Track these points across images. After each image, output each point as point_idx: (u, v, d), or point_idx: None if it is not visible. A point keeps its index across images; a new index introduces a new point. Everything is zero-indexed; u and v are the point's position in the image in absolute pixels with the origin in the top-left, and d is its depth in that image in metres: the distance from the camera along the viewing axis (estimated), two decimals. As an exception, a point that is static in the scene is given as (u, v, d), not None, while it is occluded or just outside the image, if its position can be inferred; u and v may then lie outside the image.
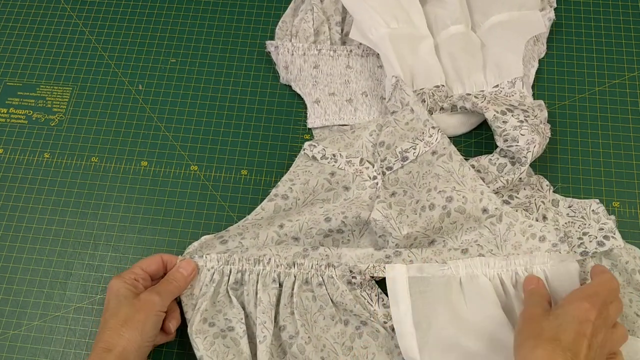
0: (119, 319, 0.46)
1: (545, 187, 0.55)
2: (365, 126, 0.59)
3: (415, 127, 0.56)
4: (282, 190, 0.56)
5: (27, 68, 0.66)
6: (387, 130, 0.57)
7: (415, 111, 0.57)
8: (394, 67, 0.59)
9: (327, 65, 0.64)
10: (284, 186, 0.56)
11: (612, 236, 0.52)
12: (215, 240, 0.54)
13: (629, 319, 0.48)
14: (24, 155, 0.62)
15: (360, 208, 0.53)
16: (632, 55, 0.64)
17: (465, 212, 0.52)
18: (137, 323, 0.46)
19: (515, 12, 0.63)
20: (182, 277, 0.50)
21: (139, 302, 0.47)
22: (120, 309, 0.46)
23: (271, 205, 0.55)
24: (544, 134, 0.56)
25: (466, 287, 0.49)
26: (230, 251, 0.52)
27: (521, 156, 0.54)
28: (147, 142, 0.62)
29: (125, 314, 0.46)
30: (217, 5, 0.69)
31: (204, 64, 0.66)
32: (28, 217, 0.58)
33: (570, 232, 0.53)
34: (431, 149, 0.55)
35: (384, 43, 0.59)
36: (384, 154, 0.56)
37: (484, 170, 0.56)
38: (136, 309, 0.46)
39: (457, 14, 0.62)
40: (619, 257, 0.51)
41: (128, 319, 0.46)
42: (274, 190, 0.56)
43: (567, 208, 0.55)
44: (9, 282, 0.56)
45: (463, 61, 0.61)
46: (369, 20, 0.60)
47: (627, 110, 0.61)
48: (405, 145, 0.56)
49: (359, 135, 0.58)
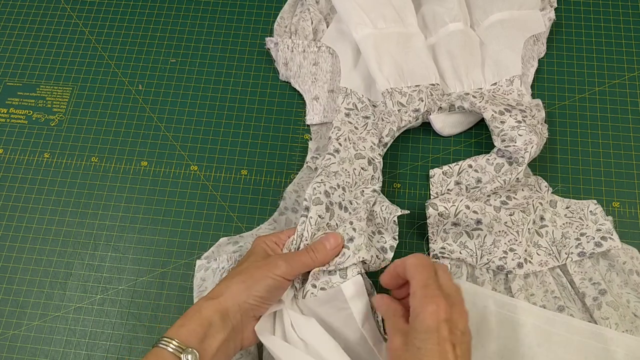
0: (236, 271, 0.45)
1: (543, 188, 0.55)
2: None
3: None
4: (290, 203, 0.56)
5: (27, 68, 0.66)
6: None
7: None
8: (371, 69, 0.59)
9: (326, 62, 0.64)
10: (291, 198, 0.56)
11: (609, 237, 0.52)
12: (229, 244, 0.54)
13: (627, 319, 0.48)
14: (24, 155, 0.62)
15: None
16: (632, 55, 0.64)
17: None
18: (249, 279, 0.43)
19: (516, 11, 0.63)
20: (322, 249, 0.46)
21: (263, 261, 0.45)
22: (243, 264, 0.45)
23: (283, 219, 0.56)
24: (542, 134, 0.56)
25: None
26: (241, 250, 0.52)
27: (519, 156, 0.54)
28: (147, 142, 0.62)
29: (244, 268, 0.45)
30: (217, 5, 0.69)
31: (203, 64, 0.66)
32: (28, 217, 0.58)
33: (568, 233, 0.53)
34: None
35: (366, 43, 0.59)
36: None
37: (481, 170, 0.56)
38: (256, 266, 0.45)
39: (455, 11, 0.62)
40: (617, 258, 0.51)
41: (242, 273, 0.44)
42: (282, 203, 0.56)
43: (565, 209, 0.55)
44: (9, 282, 0.56)
45: (461, 59, 0.61)
46: (355, 18, 0.60)
47: (627, 110, 0.61)
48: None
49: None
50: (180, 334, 0.41)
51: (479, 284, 0.51)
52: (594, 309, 0.49)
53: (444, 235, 0.53)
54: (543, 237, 0.53)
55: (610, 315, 0.48)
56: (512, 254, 0.51)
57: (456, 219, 0.52)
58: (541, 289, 0.51)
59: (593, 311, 0.49)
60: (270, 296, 0.44)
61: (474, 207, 0.52)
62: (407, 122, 0.58)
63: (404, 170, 0.59)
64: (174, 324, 0.42)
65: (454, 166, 0.57)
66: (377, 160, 0.55)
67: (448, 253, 0.53)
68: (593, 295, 0.50)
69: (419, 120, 0.59)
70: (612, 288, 0.51)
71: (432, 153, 0.60)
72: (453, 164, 0.57)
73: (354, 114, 0.59)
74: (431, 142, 0.61)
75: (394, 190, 0.58)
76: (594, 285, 0.50)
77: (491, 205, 0.52)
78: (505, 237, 0.52)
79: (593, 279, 0.51)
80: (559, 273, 0.52)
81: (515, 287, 0.50)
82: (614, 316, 0.48)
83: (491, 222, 0.52)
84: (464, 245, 0.53)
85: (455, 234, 0.53)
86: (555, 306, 0.49)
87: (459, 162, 0.57)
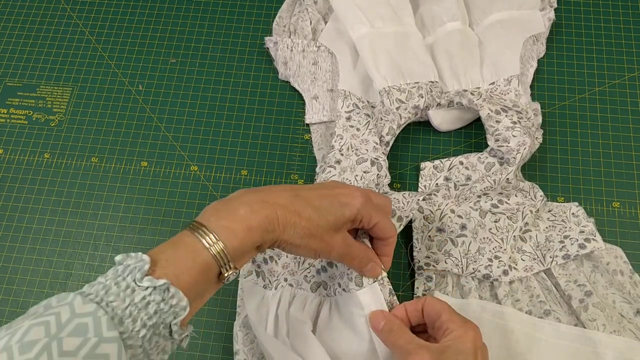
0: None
1: (539, 197, 0.54)
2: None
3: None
4: None
5: (27, 68, 0.66)
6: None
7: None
8: (369, 68, 0.59)
9: (325, 61, 0.64)
10: None
11: (592, 238, 0.51)
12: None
13: (614, 320, 0.48)
14: (24, 155, 0.62)
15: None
16: (632, 55, 0.64)
17: None
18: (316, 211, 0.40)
19: (515, 11, 0.63)
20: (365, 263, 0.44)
21: (331, 234, 0.41)
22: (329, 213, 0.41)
23: None
24: (536, 138, 0.56)
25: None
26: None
27: (510, 157, 0.53)
28: (147, 142, 0.62)
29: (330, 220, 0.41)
30: (217, 6, 0.69)
31: (203, 64, 0.66)
32: (28, 217, 0.59)
33: (551, 237, 0.52)
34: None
35: (363, 43, 0.60)
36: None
37: (471, 168, 0.56)
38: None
39: (453, 10, 0.62)
40: (600, 259, 0.51)
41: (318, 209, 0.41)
42: None
43: (548, 212, 0.54)
44: (9, 282, 0.56)
45: (459, 58, 0.61)
46: (352, 17, 0.61)
47: (627, 110, 0.61)
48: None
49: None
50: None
51: (465, 292, 0.50)
52: (581, 311, 0.48)
53: (429, 244, 0.53)
54: (527, 242, 0.52)
55: (598, 316, 0.48)
56: (497, 262, 0.51)
57: (441, 224, 0.52)
58: (526, 294, 0.50)
59: (580, 313, 0.48)
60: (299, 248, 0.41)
61: (458, 211, 0.52)
62: (407, 119, 0.58)
63: (404, 170, 0.59)
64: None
65: (445, 161, 0.57)
66: (381, 159, 0.55)
67: (433, 263, 0.52)
68: (579, 297, 0.49)
69: (418, 115, 0.59)
70: (598, 289, 0.50)
71: (432, 153, 0.60)
72: (445, 159, 0.57)
73: (354, 114, 0.59)
74: (431, 142, 0.61)
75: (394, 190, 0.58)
76: (579, 287, 0.50)
77: (480, 207, 0.52)
78: (490, 245, 0.51)
79: (578, 281, 0.50)
80: (543, 277, 0.51)
81: (501, 293, 0.50)
82: (601, 317, 0.48)
83: (475, 227, 0.52)
84: (449, 254, 0.52)
85: (439, 241, 0.52)
86: (542, 310, 0.49)
87: (450, 158, 0.57)
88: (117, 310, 0.31)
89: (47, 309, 0.31)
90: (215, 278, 0.37)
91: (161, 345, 0.34)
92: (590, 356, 0.47)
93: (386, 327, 0.43)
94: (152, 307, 0.32)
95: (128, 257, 0.34)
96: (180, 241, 0.36)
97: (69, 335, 0.30)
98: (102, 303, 0.32)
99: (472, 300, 0.49)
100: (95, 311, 0.31)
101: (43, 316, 0.30)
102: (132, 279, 0.33)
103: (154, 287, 0.33)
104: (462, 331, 0.40)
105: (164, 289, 0.33)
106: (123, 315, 0.31)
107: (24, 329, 0.30)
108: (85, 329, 0.30)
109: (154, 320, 0.32)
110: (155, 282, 0.33)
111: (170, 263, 0.34)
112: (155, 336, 0.33)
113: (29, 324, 0.30)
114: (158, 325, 0.33)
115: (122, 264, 0.34)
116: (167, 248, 0.36)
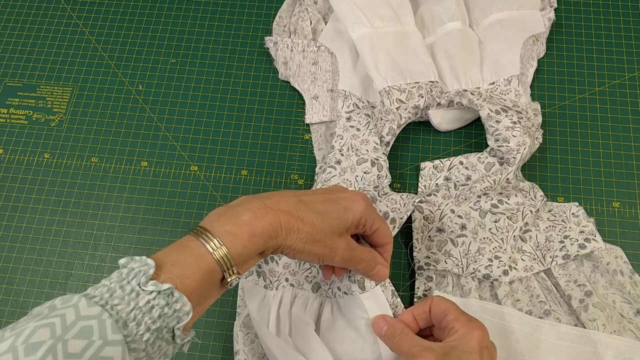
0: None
1: (539, 197, 0.54)
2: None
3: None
4: None
5: (27, 68, 0.66)
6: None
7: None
8: (368, 68, 0.59)
9: (325, 61, 0.64)
10: None
11: (592, 238, 0.51)
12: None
13: (614, 320, 0.48)
14: (24, 155, 0.62)
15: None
16: (632, 55, 0.64)
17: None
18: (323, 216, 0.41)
19: (515, 11, 0.63)
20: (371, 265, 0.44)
21: (335, 238, 0.41)
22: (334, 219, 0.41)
23: None
24: (536, 138, 0.56)
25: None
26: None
27: (510, 157, 0.53)
28: (147, 142, 0.62)
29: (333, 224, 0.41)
30: (217, 5, 0.69)
31: (203, 64, 0.66)
32: (28, 217, 0.59)
33: (551, 237, 0.52)
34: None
35: (363, 43, 0.60)
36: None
37: (471, 168, 0.56)
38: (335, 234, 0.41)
39: (453, 10, 0.62)
40: (600, 259, 0.51)
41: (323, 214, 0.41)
42: None
43: (548, 212, 0.54)
44: (9, 282, 0.56)
45: (459, 58, 0.61)
46: (352, 17, 0.61)
47: (627, 110, 0.61)
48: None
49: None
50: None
51: (465, 292, 0.50)
52: (581, 311, 0.48)
53: (429, 244, 0.53)
54: (527, 242, 0.52)
55: (598, 316, 0.48)
56: (497, 262, 0.50)
57: (441, 224, 0.52)
58: (526, 294, 0.50)
59: (580, 313, 0.48)
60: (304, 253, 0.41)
61: (458, 211, 0.52)
62: (407, 119, 0.58)
63: (404, 170, 0.59)
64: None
65: (445, 161, 0.57)
66: (381, 159, 0.56)
67: (433, 263, 0.52)
68: (579, 297, 0.49)
69: (418, 115, 0.59)
70: (598, 289, 0.50)
71: (432, 153, 0.60)
72: (445, 159, 0.57)
73: (355, 114, 0.59)
74: (431, 143, 0.61)
75: (394, 191, 0.58)
76: (579, 287, 0.50)
77: (480, 207, 0.52)
78: (490, 245, 0.51)
79: (578, 281, 0.50)
80: (543, 277, 0.51)
81: (501, 293, 0.50)
82: (601, 317, 0.48)
83: (475, 227, 0.51)
84: (449, 254, 0.52)
85: (439, 241, 0.52)
86: (542, 311, 0.49)
87: (450, 158, 0.57)
88: (121, 313, 0.31)
89: (51, 310, 0.31)
90: (218, 283, 0.37)
91: (163, 349, 0.34)
92: (590, 356, 0.47)
93: (389, 332, 0.43)
94: (156, 311, 0.32)
95: (132, 260, 0.34)
96: (185, 245, 0.36)
97: (74, 337, 0.30)
98: (106, 306, 0.32)
99: (473, 301, 0.49)
100: (100, 314, 0.31)
101: (48, 318, 0.30)
102: (136, 282, 0.33)
103: (159, 291, 0.33)
104: (467, 330, 0.40)
105: (168, 294, 0.33)
106: (127, 319, 0.32)
107: (30, 330, 0.30)
108: (90, 331, 0.30)
109: (158, 324, 0.32)
110: (160, 286, 0.33)
111: (176, 267, 0.34)
112: (158, 340, 0.33)
113: (34, 325, 0.30)
114: (161, 329, 0.33)
115: (126, 267, 0.34)
116: (172, 252, 0.36)
